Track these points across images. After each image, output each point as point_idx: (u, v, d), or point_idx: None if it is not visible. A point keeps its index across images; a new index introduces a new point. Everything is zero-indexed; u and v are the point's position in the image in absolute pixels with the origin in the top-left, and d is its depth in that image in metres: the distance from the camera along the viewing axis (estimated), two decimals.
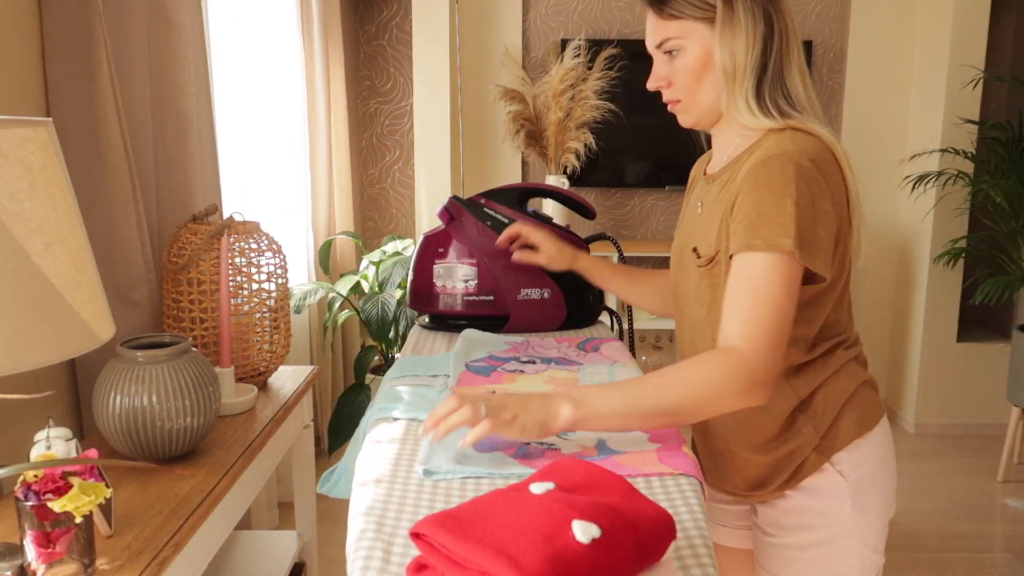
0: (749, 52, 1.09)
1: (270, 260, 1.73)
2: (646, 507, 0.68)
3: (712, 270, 1.13)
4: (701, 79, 1.12)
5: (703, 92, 1.14)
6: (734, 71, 1.10)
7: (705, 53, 1.11)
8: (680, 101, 1.16)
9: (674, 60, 1.13)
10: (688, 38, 1.11)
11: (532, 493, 0.68)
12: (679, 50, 1.12)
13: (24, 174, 0.83)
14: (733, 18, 1.09)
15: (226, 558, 1.82)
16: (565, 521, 0.62)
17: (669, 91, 1.16)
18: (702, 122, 1.19)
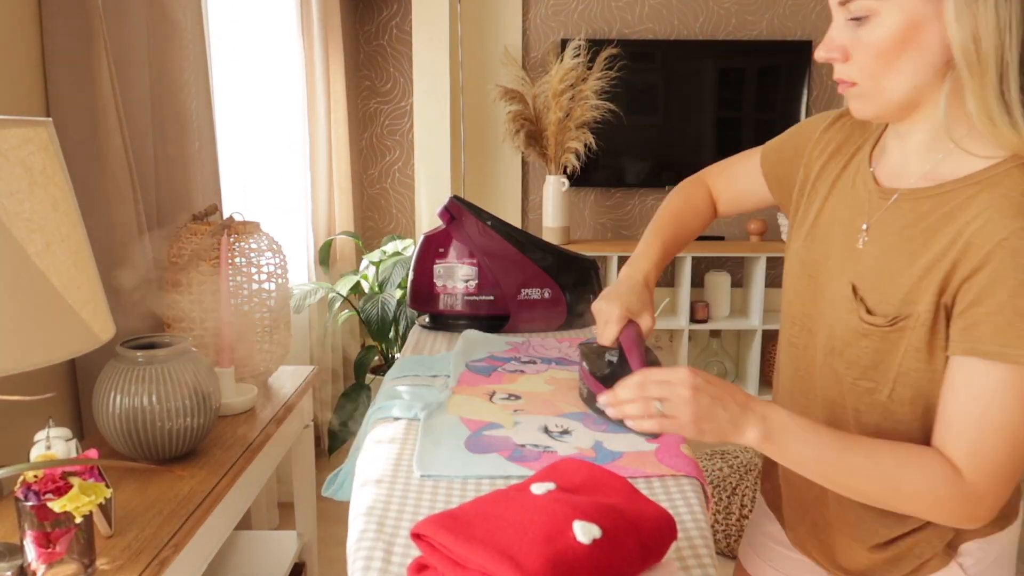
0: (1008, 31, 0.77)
1: (270, 260, 1.73)
2: (647, 507, 0.68)
3: (890, 335, 0.86)
4: (894, 61, 0.82)
5: (893, 80, 0.83)
6: (978, 56, 0.77)
7: (910, 25, 0.80)
8: (858, 84, 0.86)
9: (860, 27, 0.83)
10: (888, 1, 0.80)
11: (533, 494, 0.68)
12: (870, 15, 0.81)
13: (24, 174, 0.83)
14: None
15: (226, 558, 1.82)
16: (566, 521, 0.62)
17: (843, 68, 0.86)
18: (886, 116, 0.88)
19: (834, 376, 0.94)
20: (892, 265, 0.87)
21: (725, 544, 2.50)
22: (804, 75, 3.74)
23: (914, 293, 0.84)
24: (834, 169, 1.00)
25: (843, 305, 0.91)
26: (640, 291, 1.08)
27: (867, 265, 0.90)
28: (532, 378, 1.23)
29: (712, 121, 3.68)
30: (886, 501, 0.82)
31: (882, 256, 0.88)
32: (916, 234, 0.85)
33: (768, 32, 3.76)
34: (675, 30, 3.76)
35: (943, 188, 0.85)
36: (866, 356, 0.89)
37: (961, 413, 0.80)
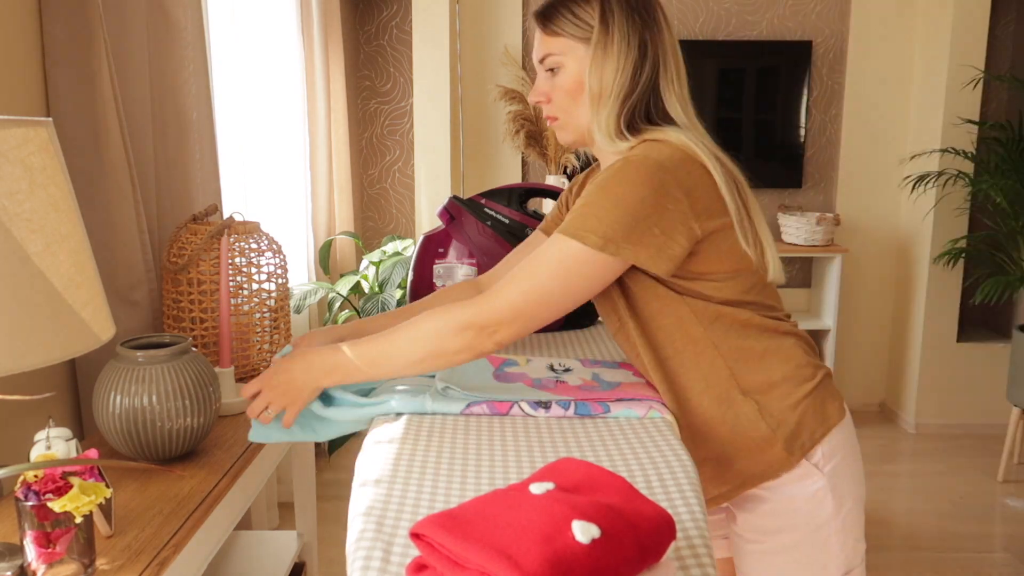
0: (616, 77, 1.11)
1: (270, 260, 1.74)
2: (646, 507, 0.68)
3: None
4: (577, 98, 1.14)
5: (579, 111, 1.15)
6: (600, 94, 1.11)
7: (581, 73, 1.13)
8: (558, 119, 1.18)
9: (554, 77, 1.15)
10: (567, 56, 1.13)
11: (532, 493, 0.68)
12: (558, 67, 1.14)
13: (24, 174, 0.84)
14: (607, 41, 1.10)
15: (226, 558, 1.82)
16: (565, 521, 0.62)
17: (548, 107, 1.18)
18: (579, 141, 1.20)
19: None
20: None
21: None
22: (804, 75, 3.74)
23: None
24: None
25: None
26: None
27: None
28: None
29: (712, 121, 3.68)
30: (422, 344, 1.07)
31: None
32: None
33: (768, 32, 3.77)
34: (675, 30, 3.76)
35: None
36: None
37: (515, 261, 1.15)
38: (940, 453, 3.58)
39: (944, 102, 3.56)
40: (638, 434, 1.05)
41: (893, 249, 3.96)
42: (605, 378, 1.16)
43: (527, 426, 1.08)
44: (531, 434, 1.05)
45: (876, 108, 3.85)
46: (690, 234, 1.06)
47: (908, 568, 2.60)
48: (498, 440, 1.03)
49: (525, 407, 1.11)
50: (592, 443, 1.03)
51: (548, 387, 1.14)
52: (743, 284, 1.13)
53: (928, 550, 2.72)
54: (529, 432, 1.06)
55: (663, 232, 1.05)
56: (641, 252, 1.05)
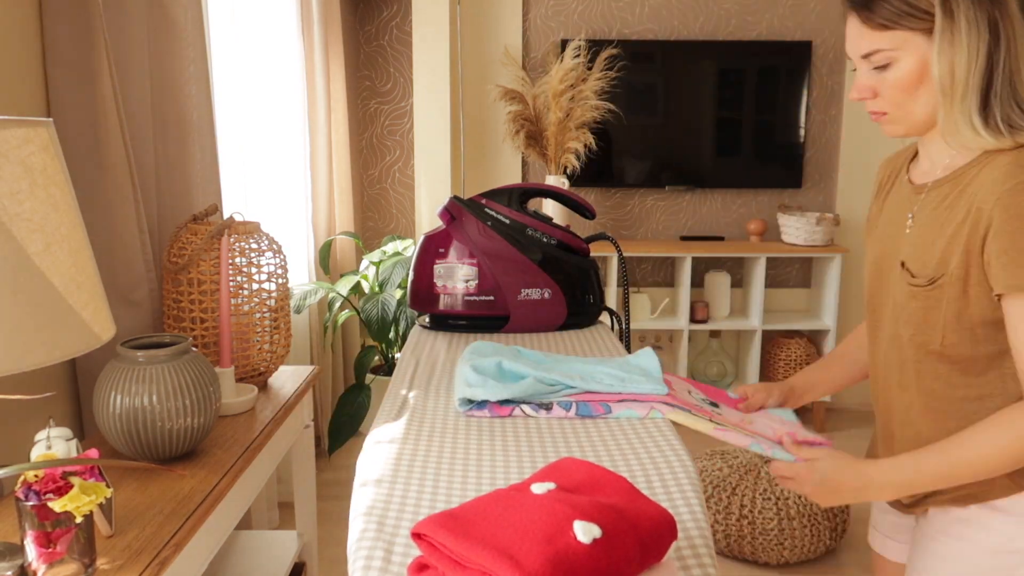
0: (972, 65, 0.99)
1: (270, 260, 1.74)
2: (647, 507, 0.68)
3: (931, 292, 1.06)
4: (914, 93, 1.05)
5: (917, 105, 1.06)
6: (953, 87, 1.01)
7: (921, 65, 1.02)
8: (888, 113, 1.09)
9: (883, 72, 1.06)
10: (902, 49, 1.03)
11: (533, 493, 0.68)
12: (891, 63, 1.04)
13: (24, 174, 0.84)
14: (954, 27, 0.99)
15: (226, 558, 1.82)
16: (566, 521, 0.62)
17: (875, 103, 1.09)
18: (913, 132, 1.11)
19: (898, 339, 1.14)
20: (927, 238, 1.08)
21: (725, 544, 2.51)
22: (804, 75, 3.74)
23: (945, 255, 1.04)
24: (887, 190, 1.25)
25: (897, 279, 1.13)
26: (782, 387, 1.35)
27: (911, 244, 1.11)
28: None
29: (712, 121, 3.68)
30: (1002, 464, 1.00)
31: (920, 234, 1.10)
32: (942, 211, 1.07)
33: (768, 32, 3.77)
34: (675, 30, 3.76)
35: (956, 174, 1.07)
36: (916, 314, 1.09)
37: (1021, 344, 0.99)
38: None
39: None
40: (639, 434, 1.05)
41: None
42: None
43: (527, 426, 1.08)
44: (532, 434, 1.05)
45: None
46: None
47: None
48: (499, 440, 1.03)
49: (527, 409, 1.11)
50: (593, 443, 1.03)
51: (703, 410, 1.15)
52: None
53: None
54: (530, 432, 1.06)
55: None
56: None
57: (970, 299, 1.03)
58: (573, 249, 1.56)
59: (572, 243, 1.55)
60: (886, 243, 1.17)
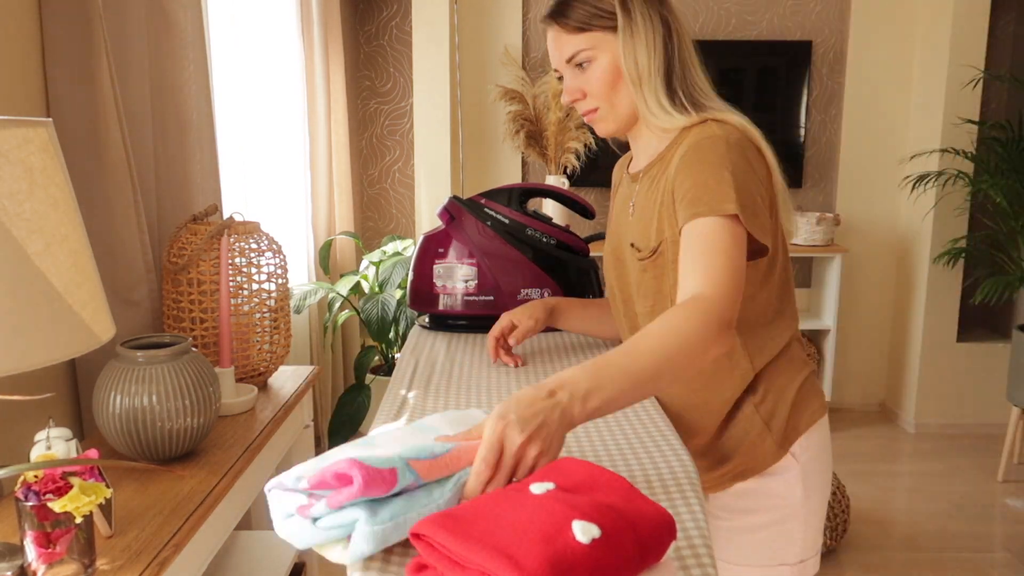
0: (652, 54, 1.13)
1: (270, 260, 1.74)
2: (646, 507, 0.68)
3: (656, 261, 1.16)
4: (616, 85, 1.16)
5: (619, 98, 1.17)
6: (639, 76, 1.14)
7: (615, 60, 1.15)
8: (597, 110, 1.19)
9: (586, 72, 1.17)
10: (597, 48, 1.15)
11: (532, 493, 0.68)
12: (589, 61, 1.16)
13: (24, 174, 0.84)
14: (632, 25, 1.13)
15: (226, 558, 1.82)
16: (565, 521, 0.62)
17: (585, 102, 1.19)
18: (621, 129, 1.22)
19: (640, 316, 1.21)
20: (646, 217, 1.18)
21: None
22: (804, 75, 3.74)
23: (660, 225, 1.14)
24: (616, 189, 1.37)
25: (630, 260, 1.22)
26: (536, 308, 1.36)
27: (635, 226, 1.21)
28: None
29: None
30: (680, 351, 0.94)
31: (641, 215, 1.20)
32: (653, 191, 1.17)
33: (768, 32, 3.76)
34: None
35: (659, 156, 1.19)
36: (650, 285, 1.17)
37: (687, 256, 1.04)
38: (940, 453, 3.58)
39: (944, 102, 3.56)
40: (638, 434, 1.05)
41: (893, 249, 3.96)
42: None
43: None
44: None
45: (876, 108, 3.85)
46: (768, 208, 1.09)
47: (908, 568, 2.60)
48: None
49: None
50: (592, 443, 1.03)
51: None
52: (778, 268, 1.17)
53: (928, 550, 2.72)
54: None
55: (763, 202, 1.08)
56: (754, 222, 1.05)
57: None
58: (573, 249, 1.56)
59: (572, 243, 1.55)
60: (617, 233, 1.27)
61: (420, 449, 0.74)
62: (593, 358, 0.92)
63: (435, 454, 0.73)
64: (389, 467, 0.70)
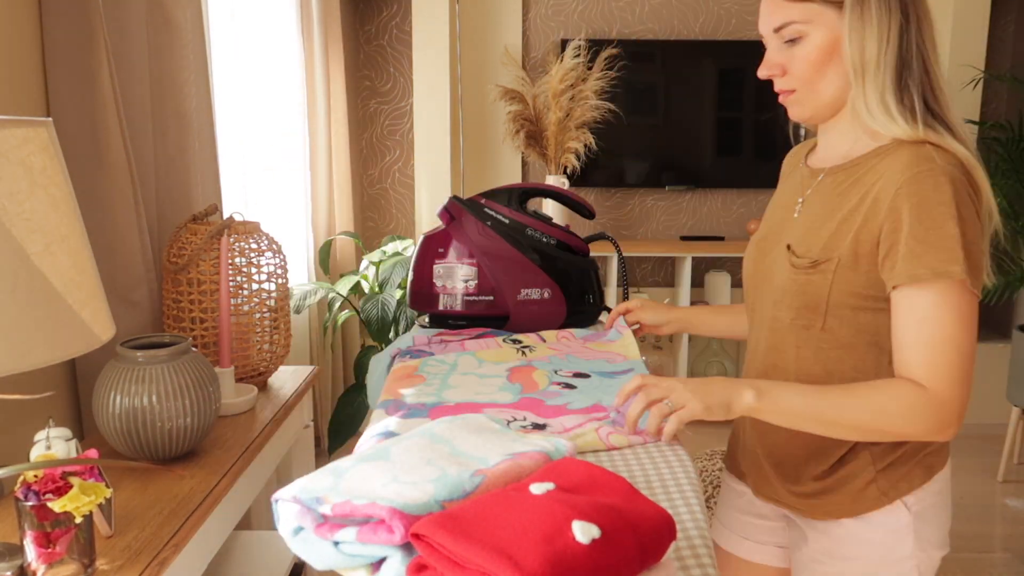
0: (884, 45, 0.98)
1: (270, 260, 1.74)
2: (647, 508, 0.68)
3: (813, 275, 1.05)
4: (823, 69, 1.03)
5: (824, 84, 1.04)
6: (863, 65, 0.99)
7: (832, 40, 1.01)
8: (795, 91, 1.07)
9: (793, 47, 1.04)
10: (813, 23, 1.01)
11: (532, 493, 0.68)
12: (801, 36, 1.02)
13: (24, 174, 0.84)
14: (864, 5, 0.98)
15: (226, 558, 1.82)
16: (565, 521, 0.62)
17: (783, 80, 1.07)
18: (818, 116, 1.09)
19: (778, 322, 1.12)
20: (816, 222, 1.07)
21: None
22: None
23: (833, 240, 1.04)
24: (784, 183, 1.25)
25: (781, 261, 1.11)
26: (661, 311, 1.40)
27: (799, 226, 1.11)
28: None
29: (712, 121, 3.68)
30: (875, 427, 0.96)
31: (810, 218, 1.09)
32: (834, 197, 1.07)
33: None
34: (675, 30, 3.76)
35: (855, 162, 1.06)
36: (798, 297, 1.07)
37: (908, 337, 0.97)
38: None
39: None
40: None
41: None
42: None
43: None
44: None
45: None
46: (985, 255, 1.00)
47: None
48: None
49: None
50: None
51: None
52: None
53: None
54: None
55: (985, 249, 0.99)
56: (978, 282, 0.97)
57: (857, 287, 1.02)
58: (573, 249, 1.56)
59: (572, 243, 1.55)
60: (772, 226, 1.17)
61: (453, 487, 0.72)
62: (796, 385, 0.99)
63: (466, 492, 0.72)
64: (427, 512, 0.69)
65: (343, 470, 0.76)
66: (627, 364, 1.27)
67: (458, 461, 0.77)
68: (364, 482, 0.73)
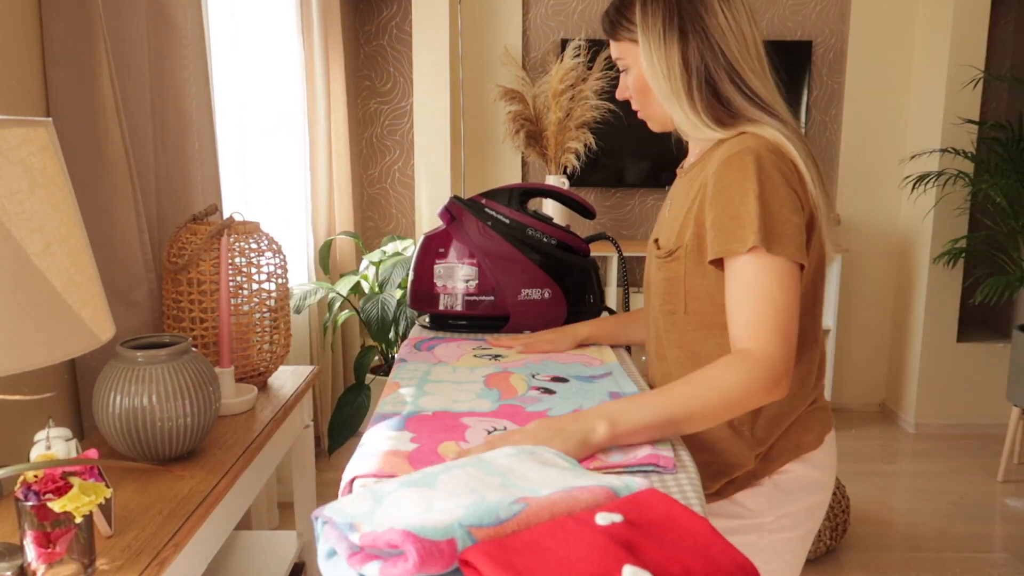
0: (671, 68, 1.10)
1: (270, 260, 1.73)
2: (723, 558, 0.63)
3: (670, 264, 1.15)
4: (648, 94, 1.16)
5: (654, 105, 1.17)
6: (662, 91, 1.12)
7: (642, 71, 1.15)
8: (640, 111, 1.21)
9: (626, 77, 1.19)
10: (628, 57, 1.16)
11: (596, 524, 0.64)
12: (627, 68, 1.18)
13: (24, 174, 0.83)
14: (648, 38, 1.11)
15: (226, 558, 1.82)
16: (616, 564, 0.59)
17: (632, 103, 1.22)
18: (667, 127, 1.21)
19: (653, 310, 1.22)
20: (676, 216, 1.18)
21: None
22: (804, 75, 3.74)
23: (682, 229, 1.14)
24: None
25: (652, 257, 1.22)
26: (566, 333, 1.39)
27: (664, 223, 1.22)
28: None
29: None
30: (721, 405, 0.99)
31: (673, 214, 1.20)
32: (688, 192, 1.16)
33: (768, 32, 3.76)
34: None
35: (702, 158, 1.17)
36: (662, 284, 1.17)
37: (732, 303, 1.04)
38: (940, 453, 3.58)
39: (944, 102, 3.56)
40: None
41: (893, 249, 3.96)
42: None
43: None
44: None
45: (876, 108, 3.85)
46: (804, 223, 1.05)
47: (908, 568, 2.60)
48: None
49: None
50: None
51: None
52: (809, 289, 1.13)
53: (928, 550, 2.72)
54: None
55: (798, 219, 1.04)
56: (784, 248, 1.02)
57: (705, 268, 1.11)
58: (573, 249, 1.56)
59: (572, 243, 1.55)
60: (655, 228, 1.29)
61: (484, 512, 0.65)
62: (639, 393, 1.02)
63: (501, 519, 0.65)
64: (447, 538, 0.62)
65: (384, 494, 0.72)
66: (604, 368, 1.26)
67: (505, 490, 0.71)
68: (398, 511, 0.68)
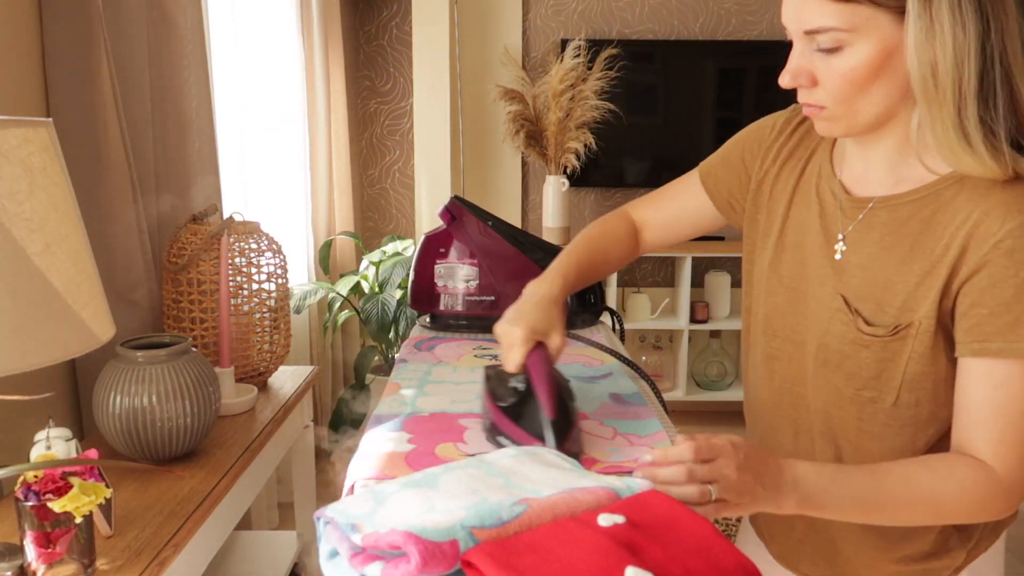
0: (965, 61, 0.76)
1: (270, 260, 1.73)
2: (726, 559, 0.62)
3: (891, 344, 0.86)
4: (867, 88, 0.81)
5: (866, 102, 0.83)
6: (936, 85, 0.77)
7: (883, 53, 0.79)
8: (826, 108, 0.85)
9: (830, 57, 0.81)
10: (859, 31, 0.79)
11: (598, 525, 0.64)
12: (842, 46, 0.80)
13: (24, 174, 0.83)
14: (935, 12, 0.76)
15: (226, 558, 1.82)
16: (618, 565, 0.59)
17: (812, 93, 0.85)
18: (852, 135, 0.88)
19: (831, 388, 0.93)
20: (881, 274, 0.87)
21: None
22: None
23: (912, 300, 0.85)
24: (791, 176, 1.01)
25: (835, 317, 0.91)
26: (547, 308, 0.96)
27: (853, 275, 0.90)
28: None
29: (712, 121, 3.67)
30: (929, 519, 0.84)
31: (868, 265, 0.89)
32: (899, 240, 0.86)
33: (768, 32, 3.76)
34: (675, 30, 3.76)
35: (918, 193, 0.86)
36: (868, 367, 0.88)
37: (980, 411, 0.82)
38: None
39: None
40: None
41: None
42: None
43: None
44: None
45: None
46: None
47: None
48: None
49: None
50: None
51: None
52: None
53: None
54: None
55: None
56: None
57: (939, 352, 0.85)
58: None
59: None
60: (805, 260, 0.96)
61: (486, 513, 0.64)
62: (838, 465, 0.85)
63: (503, 520, 0.64)
64: (449, 539, 0.61)
65: (386, 495, 0.71)
66: (605, 368, 1.24)
67: (506, 491, 0.70)
68: (400, 512, 0.67)
